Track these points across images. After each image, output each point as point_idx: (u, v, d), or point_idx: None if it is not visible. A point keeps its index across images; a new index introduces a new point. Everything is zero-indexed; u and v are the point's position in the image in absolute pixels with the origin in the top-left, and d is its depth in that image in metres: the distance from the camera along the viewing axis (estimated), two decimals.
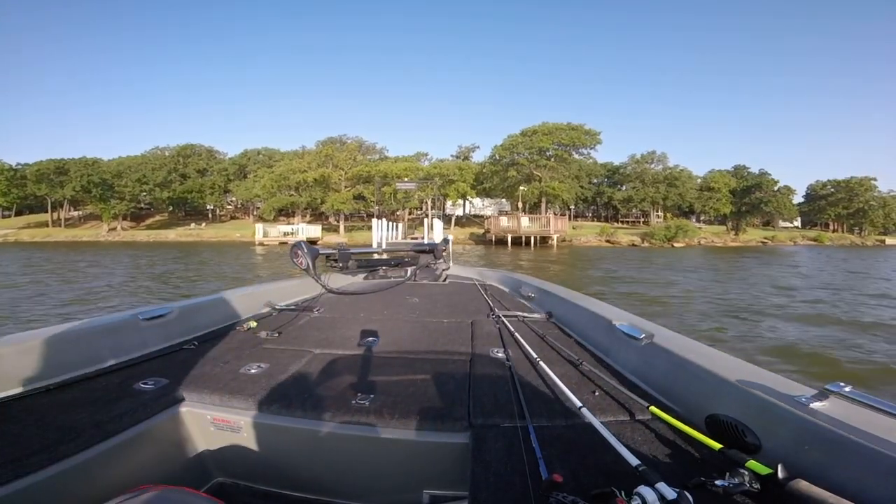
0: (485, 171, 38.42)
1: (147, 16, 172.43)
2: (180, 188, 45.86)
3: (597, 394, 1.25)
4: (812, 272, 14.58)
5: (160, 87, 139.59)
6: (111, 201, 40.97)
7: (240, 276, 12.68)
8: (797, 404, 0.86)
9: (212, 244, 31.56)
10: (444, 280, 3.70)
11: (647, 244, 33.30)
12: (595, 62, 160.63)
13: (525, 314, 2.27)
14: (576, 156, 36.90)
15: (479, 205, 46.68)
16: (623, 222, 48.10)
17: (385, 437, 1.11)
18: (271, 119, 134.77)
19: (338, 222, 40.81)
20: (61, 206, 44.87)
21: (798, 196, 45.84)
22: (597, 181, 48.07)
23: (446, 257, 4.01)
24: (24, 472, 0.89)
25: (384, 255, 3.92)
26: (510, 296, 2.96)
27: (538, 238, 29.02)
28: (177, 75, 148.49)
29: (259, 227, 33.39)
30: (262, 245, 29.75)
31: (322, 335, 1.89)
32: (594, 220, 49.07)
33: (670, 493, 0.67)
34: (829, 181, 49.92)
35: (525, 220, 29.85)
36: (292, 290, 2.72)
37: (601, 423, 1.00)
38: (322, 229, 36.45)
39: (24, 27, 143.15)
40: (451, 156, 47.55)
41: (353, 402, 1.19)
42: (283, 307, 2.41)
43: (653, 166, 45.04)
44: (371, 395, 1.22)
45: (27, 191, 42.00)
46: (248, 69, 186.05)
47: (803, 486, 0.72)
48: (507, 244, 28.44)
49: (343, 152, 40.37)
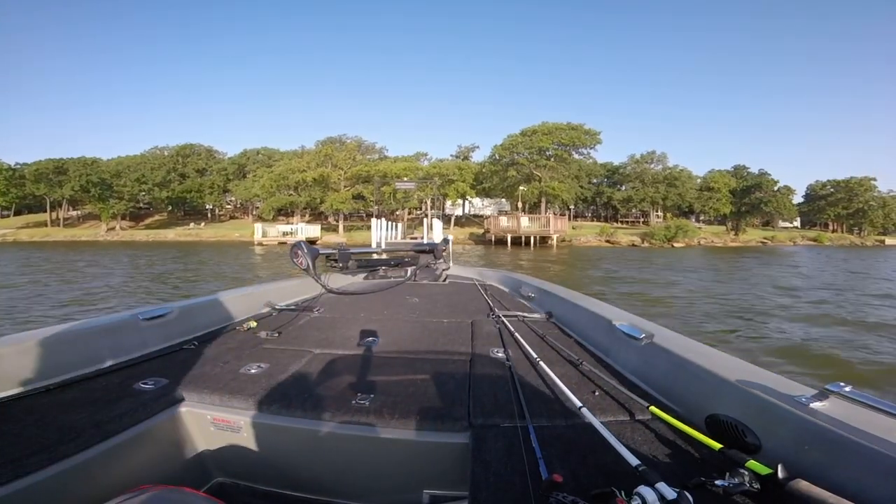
0: (484, 170, 38.37)
1: (146, 15, 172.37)
2: (179, 188, 45.77)
3: (597, 394, 1.25)
4: (814, 272, 14.56)
5: (159, 87, 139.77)
6: (110, 201, 40.87)
7: (239, 276, 12.63)
8: (797, 404, 0.86)
9: (211, 244, 31.48)
10: (444, 280, 3.70)
11: (646, 244, 33.30)
12: (595, 62, 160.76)
13: (525, 314, 2.27)
14: (576, 156, 36.87)
15: (479, 205, 46.62)
16: (623, 222, 48.07)
17: (385, 437, 1.10)
18: (271, 119, 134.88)
19: (337, 222, 40.77)
20: (60, 206, 44.79)
21: (797, 196, 45.93)
22: (596, 181, 48.02)
23: (446, 257, 4.01)
24: (24, 472, 0.88)
25: (384, 255, 3.92)
26: (510, 296, 2.96)
27: (538, 238, 28.97)
28: (176, 75, 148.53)
29: (258, 226, 33.25)
30: (261, 245, 29.67)
31: (322, 335, 1.89)
32: (594, 220, 49.04)
33: (670, 493, 0.67)
34: (829, 181, 49.89)
35: (525, 220, 29.79)
36: (292, 290, 2.72)
37: (601, 423, 1.00)
38: (321, 229, 36.41)
39: (23, 27, 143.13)
40: (451, 155, 47.56)
41: (353, 402, 1.18)
42: (283, 307, 2.41)
43: (652, 166, 45.01)
44: (371, 395, 1.22)
45: (26, 190, 41.91)
46: (248, 69, 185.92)
47: (803, 486, 0.72)
48: (506, 244, 28.39)
49: (342, 152, 40.31)
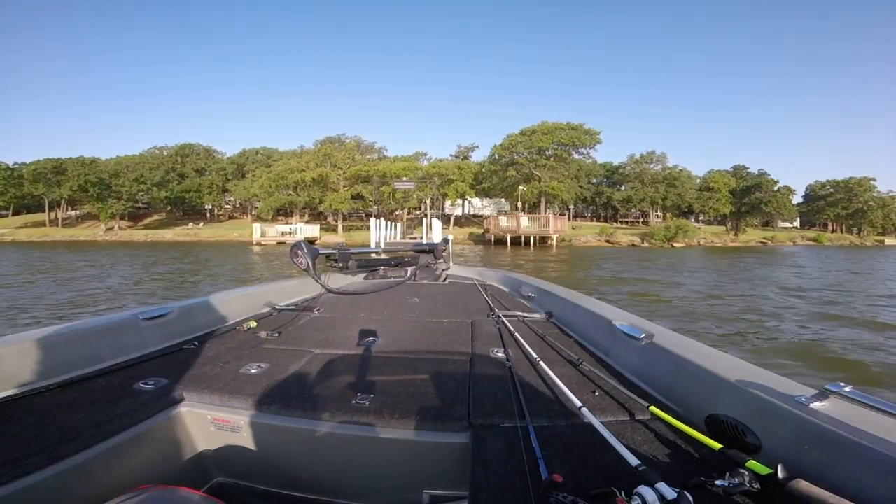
0: (484, 170, 38.34)
1: (146, 15, 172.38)
2: (178, 188, 45.68)
3: (597, 394, 1.25)
4: (818, 273, 14.47)
5: (159, 87, 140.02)
6: (108, 201, 40.78)
7: (235, 277, 12.42)
8: (797, 404, 0.87)
9: (209, 244, 31.35)
10: (444, 280, 3.70)
11: (646, 244, 33.32)
12: (595, 62, 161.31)
13: (525, 314, 2.27)
14: (575, 155, 36.85)
15: (478, 204, 46.62)
16: (622, 222, 48.08)
17: (385, 437, 1.10)
18: (270, 119, 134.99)
19: (336, 222, 40.74)
20: (58, 206, 44.70)
21: (797, 197, 45.96)
22: (596, 181, 48.03)
23: (446, 257, 4.01)
24: (24, 472, 0.88)
25: (384, 255, 3.92)
26: (510, 296, 2.96)
27: (537, 238, 28.95)
28: (176, 75, 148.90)
29: (257, 226, 33.20)
30: (259, 245, 29.61)
31: (322, 335, 1.88)
32: (593, 220, 49.05)
33: (670, 493, 0.67)
34: (828, 181, 49.94)
35: (524, 220, 29.75)
36: (292, 290, 2.72)
37: (601, 423, 1.00)
38: (320, 229, 36.38)
39: (22, 26, 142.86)
40: (451, 155, 47.50)
41: (353, 402, 1.18)
42: (283, 307, 2.41)
43: (652, 166, 45.03)
44: (371, 395, 1.22)
45: (24, 190, 41.84)
46: (248, 69, 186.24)
47: (803, 486, 0.72)
48: (506, 244, 28.36)
49: (341, 152, 40.28)
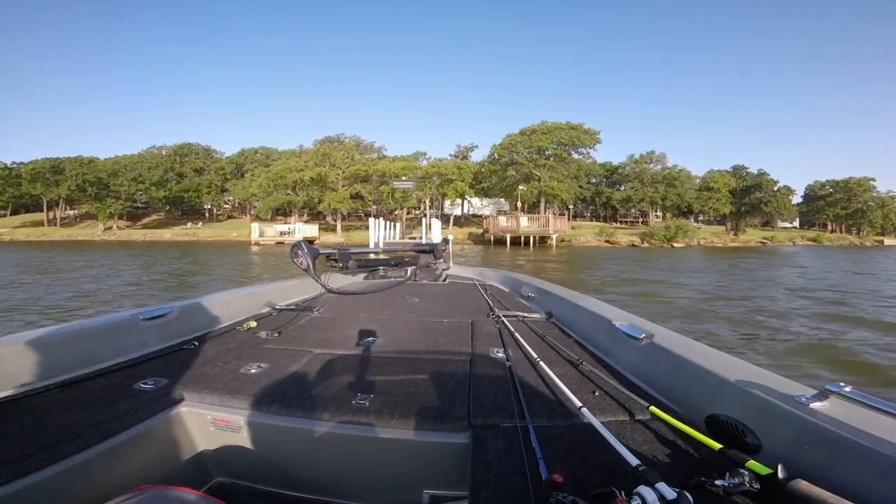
0: (483, 170, 38.29)
1: (145, 15, 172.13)
2: (177, 187, 45.56)
3: (597, 394, 1.25)
4: (822, 273, 14.38)
5: (158, 87, 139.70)
6: (107, 200, 40.66)
7: (233, 278, 12.24)
8: (797, 404, 0.87)
9: (208, 244, 31.21)
10: (444, 280, 3.70)
11: (646, 244, 33.32)
12: (595, 62, 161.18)
13: (525, 314, 2.27)
14: (575, 155, 36.84)
15: (478, 204, 46.62)
16: (622, 222, 48.08)
17: (385, 437, 1.10)
18: (270, 119, 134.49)
19: (335, 222, 40.71)
20: (57, 206, 44.58)
21: (796, 197, 46.01)
22: (595, 181, 48.02)
23: (446, 257, 4.01)
24: (24, 472, 0.88)
25: (384, 255, 3.92)
26: (510, 296, 2.96)
27: (537, 238, 28.94)
28: (175, 74, 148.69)
29: (255, 226, 33.08)
30: (258, 245, 29.53)
31: (322, 335, 1.88)
32: (593, 220, 49.06)
33: (670, 493, 0.67)
34: (828, 181, 49.86)
35: (524, 220, 29.72)
36: (292, 290, 2.72)
37: (601, 423, 1.00)
38: (319, 229, 36.34)
39: (21, 26, 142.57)
40: (450, 155, 47.39)
41: (353, 402, 1.18)
42: (283, 307, 2.41)
43: (651, 166, 45.01)
44: (371, 395, 1.22)
45: (22, 190, 41.69)
46: (247, 68, 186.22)
47: (803, 486, 0.72)
48: (505, 244, 28.35)
49: (340, 151, 40.21)
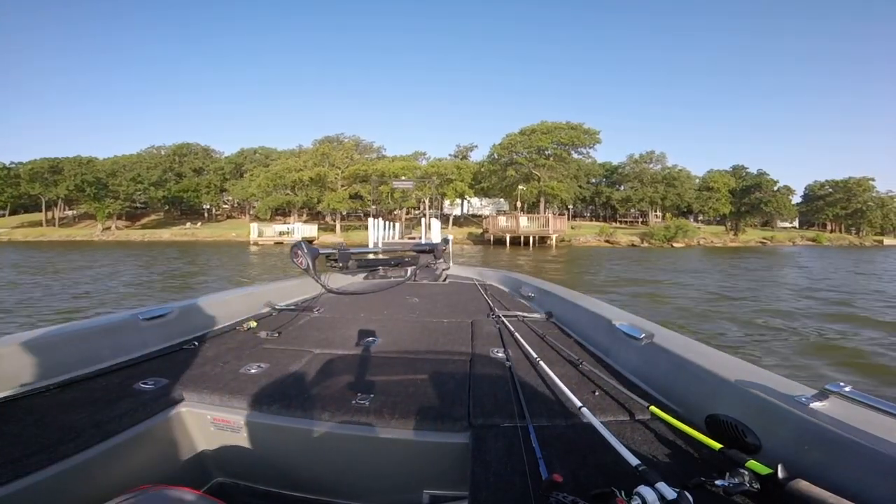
0: (483, 170, 38.32)
1: (145, 14, 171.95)
2: (176, 187, 45.53)
3: (597, 394, 1.25)
4: (825, 274, 14.28)
5: (157, 87, 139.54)
6: (105, 200, 40.62)
7: (228, 278, 11.97)
8: (797, 404, 0.87)
9: (207, 244, 31.12)
10: (444, 280, 3.70)
11: (646, 244, 33.36)
12: (595, 62, 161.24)
13: (525, 314, 2.27)
14: (575, 155, 36.88)
15: (478, 204, 46.64)
16: (621, 222, 48.14)
17: (385, 437, 1.10)
18: (269, 119, 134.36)
19: (334, 222, 40.70)
20: (55, 206, 44.52)
21: (795, 196, 46.05)
22: (595, 181, 48.06)
23: (446, 257, 4.01)
24: (24, 472, 0.88)
25: (384, 255, 3.92)
26: (510, 296, 2.96)
27: (537, 238, 28.94)
28: (175, 74, 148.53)
29: (254, 226, 33.02)
30: (256, 245, 29.46)
31: (322, 335, 1.88)
32: (592, 220, 49.10)
33: (670, 493, 0.67)
34: (827, 181, 49.91)
35: (524, 220, 29.72)
36: (292, 290, 2.72)
37: (601, 423, 1.00)
38: (318, 229, 36.31)
39: (20, 26, 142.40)
40: (450, 155, 47.48)
41: (353, 402, 1.18)
42: (283, 307, 2.41)
43: (651, 166, 45.06)
44: (371, 395, 1.22)
45: (21, 190, 41.65)
46: (247, 68, 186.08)
47: (803, 486, 0.72)
48: (505, 244, 28.35)
49: (340, 151, 40.19)
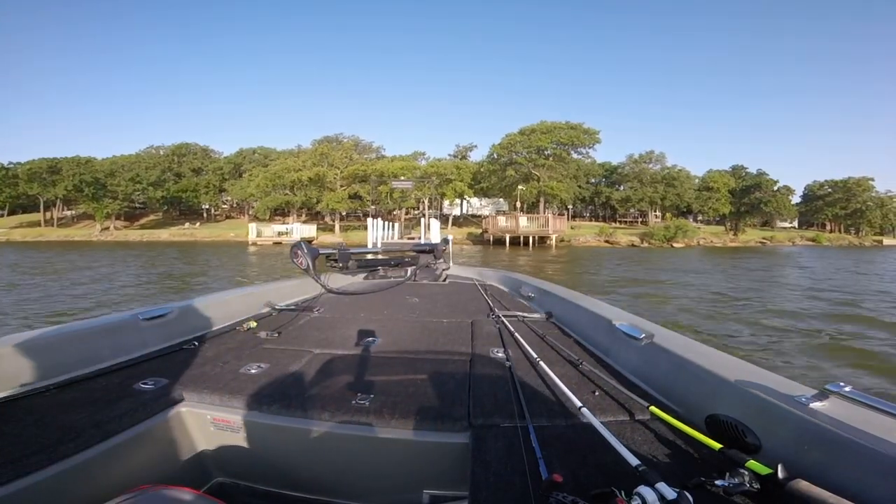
0: (482, 170, 38.35)
1: (145, 15, 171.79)
2: (175, 187, 45.50)
3: (597, 394, 1.25)
4: (828, 274, 14.19)
5: (157, 87, 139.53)
6: (104, 200, 40.56)
7: (231, 279, 11.86)
8: (797, 404, 0.87)
9: (205, 244, 31.06)
10: (444, 280, 3.70)
11: (646, 244, 33.40)
12: (594, 62, 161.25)
13: (525, 314, 2.27)
14: (574, 155, 36.91)
15: (477, 204, 46.67)
16: (621, 222, 48.19)
17: (385, 437, 1.10)
18: (269, 118, 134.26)
19: (333, 222, 40.67)
20: (54, 206, 44.45)
21: (795, 196, 46.11)
22: (595, 181, 48.11)
23: (446, 257, 4.01)
24: (24, 472, 0.88)
25: (384, 255, 3.92)
26: (510, 296, 2.97)
27: (536, 238, 28.95)
28: (174, 74, 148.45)
29: (252, 226, 32.97)
30: (255, 245, 29.41)
31: (322, 335, 1.88)
32: (592, 220, 49.14)
33: (670, 493, 0.68)
34: (827, 181, 49.95)
35: (524, 220, 29.73)
36: (292, 290, 2.72)
37: (601, 423, 1.00)
38: (317, 229, 36.32)
39: (21, 26, 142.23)
40: (449, 155, 47.50)
41: (353, 402, 1.18)
42: (283, 307, 2.41)
43: (651, 166, 45.13)
44: (371, 395, 1.22)
45: (19, 190, 41.60)
46: (247, 69, 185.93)
47: (803, 486, 0.72)
48: (505, 244, 28.36)
49: (339, 151, 40.17)
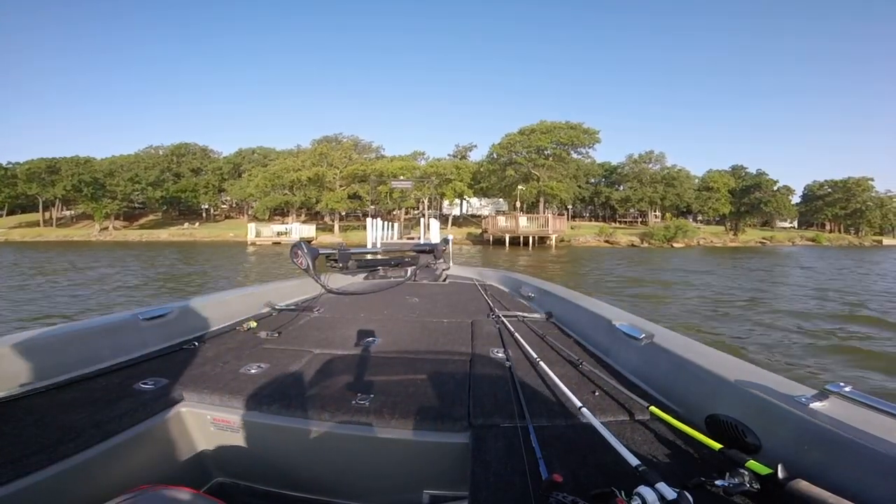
0: (482, 170, 38.34)
1: (145, 15, 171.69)
2: (174, 187, 45.46)
3: (597, 394, 1.25)
4: (831, 274, 14.00)
5: (157, 87, 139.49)
6: (103, 200, 40.53)
7: (229, 279, 11.68)
8: (797, 404, 0.87)
9: (204, 244, 31.01)
10: (444, 280, 3.70)
11: (646, 244, 33.42)
12: (594, 62, 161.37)
13: (525, 314, 2.27)
14: (574, 155, 36.90)
15: (477, 204, 46.65)
16: (621, 222, 48.22)
17: (385, 437, 1.10)
18: (269, 118, 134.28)
19: (332, 222, 40.64)
20: (53, 206, 44.40)
21: (794, 196, 46.14)
22: (594, 181, 48.12)
23: (446, 257, 4.01)
24: (24, 472, 0.88)
25: (384, 255, 3.92)
26: (510, 296, 2.97)
27: (536, 238, 28.93)
28: (174, 74, 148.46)
29: (251, 226, 32.95)
30: (254, 245, 29.37)
31: (322, 335, 1.88)
32: (591, 220, 49.16)
33: (670, 493, 0.68)
34: (826, 181, 49.96)
35: (523, 220, 29.71)
36: (292, 291, 2.72)
37: (601, 423, 1.00)
38: (316, 229, 36.29)
39: (21, 26, 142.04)
40: (449, 155, 47.48)
41: (353, 402, 1.18)
42: (283, 307, 2.41)
43: (650, 166, 45.15)
44: (371, 395, 1.22)
45: (18, 190, 41.54)
46: (247, 69, 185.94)
47: (803, 486, 0.72)
48: (504, 244, 28.35)
49: (338, 151, 40.14)
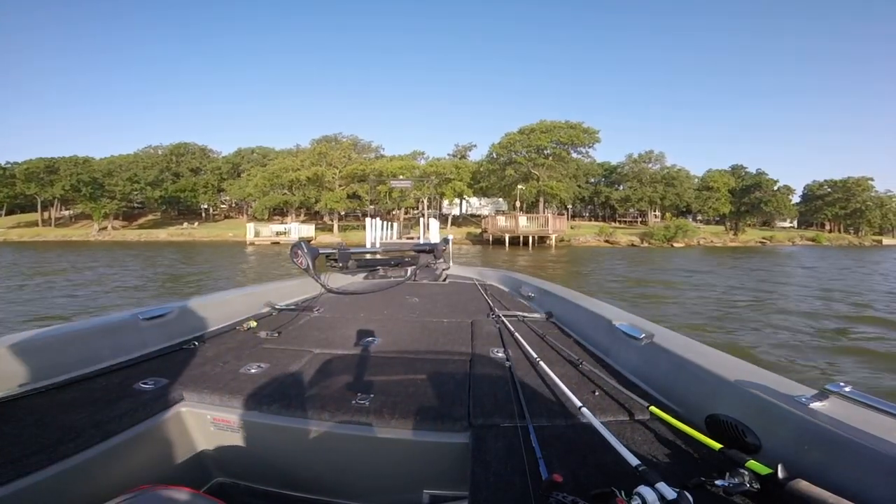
0: (482, 169, 38.30)
1: (145, 15, 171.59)
2: (173, 187, 45.38)
3: (597, 394, 1.25)
4: (833, 274, 13.96)
5: (156, 87, 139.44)
6: (101, 200, 40.43)
7: (229, 279, 11.66)
8: (797, 404, 0.87)
9: (203, 244, 30.92)
10: (444, 280, 3.70)
11: (646, 244, 33.41)
12: (594, 62, 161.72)
13: (525, 314, 2.27)
14: (574, 155, 36.88)
15: (476, 204, 46.60)
16: (620, 222, 48.21)
17: (385, 437, 1.10)
18: (268, 118, 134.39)
19: (332, 221, 40.62)
20: (52, 206, 44.32)
21: (794, 196, 46.13)
22: (594, 181, 48.10)
23: (446, 257, 4.01)
24: (24, 472, 0.88)
25: (384, 255, 3.92)
26: (510, 296, 2.97)
27: (536, 238, 28.88)
28: (174, 74, 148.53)
29: (250, 226, 32.82)
30: (253, 245, 29.28)
31: (322, 335, 1.88)
32: (591, 220, 49.16)
33: (670, 493, 0.68)
34: (826, 181, 49.97)
35: (523, 220, 29.64)
36: (292, 290, 2.72)
37: (601, 423, 1.01)
38: (316, 229, 36.25)
39: (21, 26, 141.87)
40: (448, 154, 47.45)
41: (353, 401, 1.18)
42: (283, 307, 2.40)
43: (650, 166, 45.14)
44: (371, 395, 1.22)
45: (16, 190, 41.40)
46: (247, 68, 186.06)
47: (803, 486, 0.72)
48: (504, 244, 28.31)
49: (337, 150, 40.08)
